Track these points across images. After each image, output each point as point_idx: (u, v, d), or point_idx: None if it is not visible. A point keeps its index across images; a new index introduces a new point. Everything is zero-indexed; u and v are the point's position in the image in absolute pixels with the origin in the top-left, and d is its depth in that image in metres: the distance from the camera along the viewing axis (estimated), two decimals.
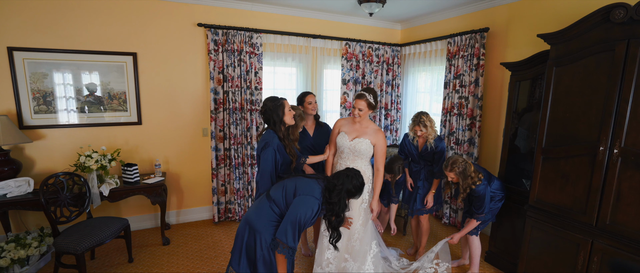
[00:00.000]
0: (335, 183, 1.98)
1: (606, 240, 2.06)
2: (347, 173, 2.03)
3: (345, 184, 1.98)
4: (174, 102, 3.58)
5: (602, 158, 2.06)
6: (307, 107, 2.85)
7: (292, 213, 1.84)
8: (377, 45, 4.44)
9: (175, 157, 3.68)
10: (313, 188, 1.94)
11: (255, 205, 2.04)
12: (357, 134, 2.48)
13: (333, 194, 1.95)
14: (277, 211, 1.95)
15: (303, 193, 1.90)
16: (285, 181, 2.02)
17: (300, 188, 1.92)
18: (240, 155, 3.81)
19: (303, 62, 4.18)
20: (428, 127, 2.75)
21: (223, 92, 3.62)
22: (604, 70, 2.03)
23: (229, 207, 3.87)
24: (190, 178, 3.80)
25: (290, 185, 1.97)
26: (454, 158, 2.54)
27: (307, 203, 1.87)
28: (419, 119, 2.77)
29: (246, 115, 3.75)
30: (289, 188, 1.95)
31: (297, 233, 1.84)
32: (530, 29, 3.06)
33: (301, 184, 1.96)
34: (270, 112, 2.27)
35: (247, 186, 3.90)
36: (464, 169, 2.49)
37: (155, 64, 3.44)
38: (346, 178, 2.00)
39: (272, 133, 2.28)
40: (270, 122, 2.28)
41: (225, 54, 3.56)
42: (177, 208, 3.81)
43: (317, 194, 1.93)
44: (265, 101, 2.31)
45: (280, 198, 1.95)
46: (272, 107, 2.27)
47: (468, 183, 2.51)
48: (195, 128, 3.73)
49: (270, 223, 1.93)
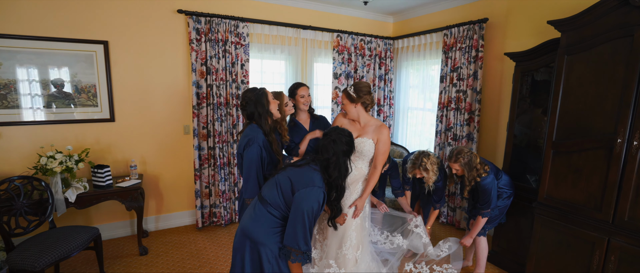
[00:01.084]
0: (329, 157, 1.73)
1: (624, 238, 1.95)
2: (331, 138, 1.77)
3: (338, 148, 1.74)
4: (152, 96, 3.25)
5: (619, 151, 1.94)
6: (299, 101, 2.61)
7: (297, 212, 1.59)
8: (370, 38, 4.25)
9: (153, 157, 3.35)
10: (311, 177, 1.66)
11: (249, 213, 1.75)
12: (359, 133, 2.25)
13: (332, 169, 1.71)
14: (277, 214, 1.69)
15: (302, 186, 1.63)
16: (276, 178, 1.73)
17: (297, 181, 1.65)
18: (226, 154, 3.52)
19: (292, 54, 3.93)
20: (429, 171, 2.48)
21: (206, 86, 3.33)
22: (622, 57, 1.90)
23: (213, 211, 3.58)
24: (170, 180, 3.48)
25: (284, 180, 1.69)
26: (459, 148, 2.39)
27: (311, 195, 1.60)
28: (420, 161, 2.50)
29: (232, 110, 3.47)
30: (284, 185, 1.67)
31: (308, 233, 1.59)
32: (531, 18, 2.94)
33: (296, 176, 1.68)
34: (252, 104, 2.02)
35: (233, 188, 3.61)
36: (469, 160, 2.34)
37: (129, 54, 3.10)
38: (334, 144, 1.75)
39: (256, 127, 2.03)
40: (255, 115, 2.04)
41: (209, 44, 3.27)
42: (156, 213, 3.48)
43: (318, 182, 1.66)
44: (245, 94, 2.08)
45: (276, 198, 1.68)
46: (254, 97, 2.03)
47: (473, 176, 2.35)
48: (175, 125, 3.41)
49: (272, 231, 1.67)
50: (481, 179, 2.35)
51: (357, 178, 2.26)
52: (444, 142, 3.68)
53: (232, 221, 3.70)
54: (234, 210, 3.67)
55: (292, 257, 1.60)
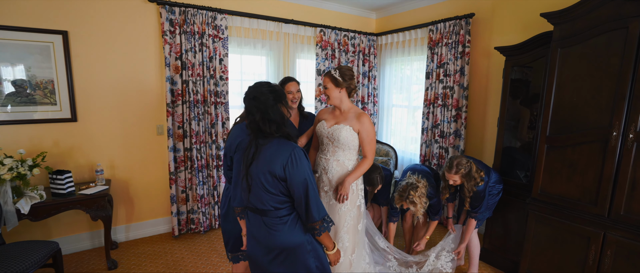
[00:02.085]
0: (254, 117, 1.44)
1: (621, 231, 1.93)
2: (249, 97, 1.47)
3: (264, 101, 1.44)
4: (120, 93, 2.95)
5: (614, 145, 1.92)
6: (287, 97, 2.44)
7: (299, 190, 1.40)
8: (353, 34, 4.14)
9: (122, 160, 3.04)
10: (273, 149, 1.41)
11: (257, 230, 1.51)
12: (336, 121, 2.10)
13: (265, 126, 1.44)
14: (285, 212, 1.47)
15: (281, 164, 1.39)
16: (256, 182, 1.45)
17: (274, 165, 1.39)
18: (204, 155, 3.27)
19: (274, 49, 3.74)
20: (417, 204, 2.35)
21: (182, 82, 3.06)
22: (616, 50, 1.88)
23: (191, 217, 3.31)
24: (143, 185, 3.18)
25: (264, 178, 1.42)
26: (458, 159, 2.28)
27: (295, 164, 1.39)
28: (407, 194, 2.35)
29: (210, 108, 3.22)
30: (263, 179, 1.42)
31: (318, 198, 1.47)
32: (517, 13, 2.94)
33: (264, 164, 1.41)
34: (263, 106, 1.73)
35: (212, 192, 3.37)
36: (469, 170, 2.25)
37: (93, 46, 2.78)
38: (256, 101, 1.45)
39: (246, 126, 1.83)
40: None
41: (184, 37, 3.01)
42: (126, 222, 3.16)
43: (283, 147, 1.41)
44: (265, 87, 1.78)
45: (268, 197, 1.44)
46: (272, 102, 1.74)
47: (472, 185, 2.28)
48: (148, 125, 3.12)
49: (291, 226, 1.47)
50: (477, 187, 2.28)
51: (340, 173, 2.09)
52: (431, 139, 3.63)
53: (211, 227, 3.45)
54: (214, 216, 3.42)
55: (316, 231, 1.47)
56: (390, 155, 3.60)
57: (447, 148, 3.46)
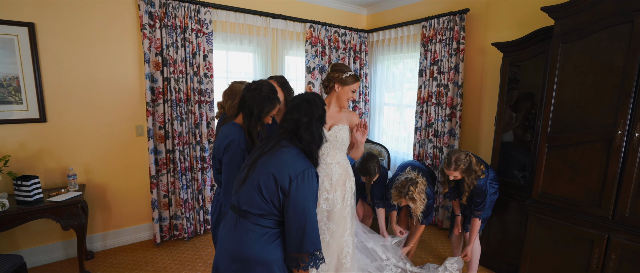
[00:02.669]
0: (299, 117, 1.34)
1: (626, 234, 1.86)
2: (304, 98, 1.39)
3: (313, 110, 1.36)
4: (95, 91, 2.73)
5: (619, 144, 1.84)
6: None
7: (297, 211, 1.23)
8: (344, 30, 4.00)
9: (98, 163, 2.82)
10: (293, 160, 1.28)
11: (230, 233, 1.35)
12: (334, 121, 1.98)
13: (303, 130, 1.33)
14: (270, 223, 1.30)
15: (288, 177, 1.24)
16: (251, 179, 1.31)
17: (282, 174, 1.25)
18: (188, 157, 3.08)
19: (261, 46, 3.57)
20: (417, 201, 2.24)
21: (163, 79, 2.86)
22: (621, 45, 1.80)
23: (174, 223, 3.12)
24: (121, 190, 2.96)
25: (264, 179, 1.27)
26: (456, 154, 2.17)
27: (306, 183, 1.25)
28: (406, 190, 2.25)
29: (194, 108, 3.03)
30: (267, 185, 1.26)
31: (317, 228, 1.28)
32: (513, 9, 2.86)
33: (277, 168, 1.26)
34: (255, 99, 1.57)
35: (197, 196, 3.18)
36: (469, 164, 2.15)
37: (64, 39, 2.56)
38: (309, 104, 1.36)
39: (240, 127, 1.65)
40: (245, 108, 1.62)
41: (165, 31, 2.81)
42: (103, 230, 2.94)
43: (302, 162, 1.28)
44: (262, 83, 1.62)
45: (262, 204, 1.28)
46: (264, 97, 1.58)
47: (472, 179, 2.18)
48: (126, 125, 2.91)
49: (269, 240, 1.29)
50: (477, 181, 2.18)
51: (342, 177, 1.97)
52: (425, 139, 3.53)
53: (196, 233, 3.26)
54: (199, 221, 3.23)
55: (301, 265, 1.26)
56: (383, 156, 3.49)
57: (442, 147, 3.37)
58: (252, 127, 1.64)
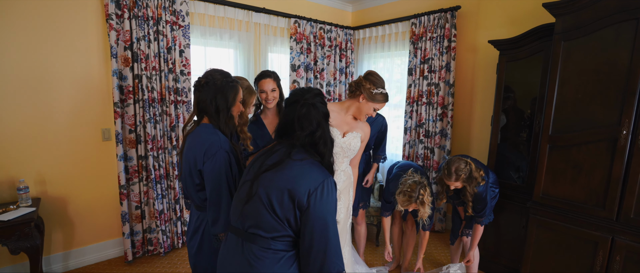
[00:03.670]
0: (314, 129, 1.16)
1: (631, 236, 1.82)
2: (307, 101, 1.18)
3: (320, 113, 1.19)
4: (51, 91, 2.37)
5: (624, 144, 1.80)
6: (260, 96, 2.08)
7: (318, 230, 1.05)
8: (330, 27, 3.83)
9: (57, 173, 2.46)
10: (310, 172, 1.10)
11: (228, 259, 1.15)
12: (349, 128, 1.83)
13: (321, 146, 1.17)
14: (282, 246, 1.09)
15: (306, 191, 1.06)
16: (259, 194, 1.09)
17: (298, 188, 1.06)
18: (163, 164, 2.78)
19: (243, 41, 3.32)
20: (426, 205, 2.07)
21: (133, 77, 2.55)
22: (625, 42, 1.77)
23: (148, 237, 2.80)
24: (85, 203, 2.61)
25: (275, 193, 1.07)
26: (456, 163, 2.05)
27: (328, 198, 1.07)
28: (417, 194, 2.04)
29: (169, 108, 2.74)
30: (278, 200, 1.06)
31: (339, 244, 1.10)
32: (504, 8, 2.82)
33: (291, 182, 1.07)
34: (212, 91, 1.40)
35: (173, 206, 2.88)
36: (469, 173, 2.04)
37: (11, 30, 2.19)
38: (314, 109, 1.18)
39: (212, 128, 1.42)
40: (209, 108, 1.42)
41: (135, 23, 2.50)
42: (64, 249, 2.58)
43: (320, 173, 1.11)
44: (211, 73, 1.44)
45: (273, 224, 1.07)
46: (220, 83, 1.41)
47: (473, 188, 2.07)
48: (90, 129, 2.56)
49: (286, 265, 1.09)
50: (478, 188, 2.08)
51: (346, 185, 1.81)
52: (415, 139, 3.44)
53: (174, 247, 2.96)
54: (176, 234, 2.93)
55: None
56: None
57: (433, 148, 3.29)
58: (224, 126, 1.44)
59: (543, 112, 2.12)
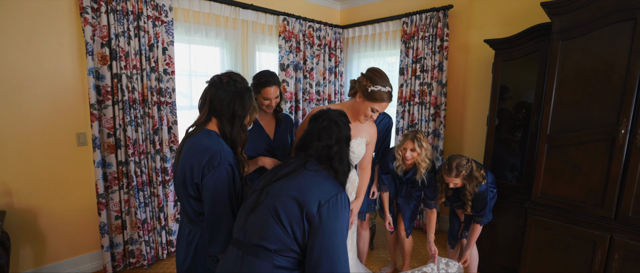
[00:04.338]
0: (331, 144, 1.12)
1: (629, 234, 1.84)
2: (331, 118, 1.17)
3: (342, 133, 1.17)
4: (17, 92, 2.14)
5: (622, 143, 1.82)
6: (262, 103, 1.94)
7: (328, 246, 0.96)
8: (319, 25, 3.74)
9: (25, 183, 2.23)
10: (322, 183, 1.03)
11: None
12: (353, 134, 1.73)
13: (336, 162, 1.12)
14: (287, 263, 0.99)
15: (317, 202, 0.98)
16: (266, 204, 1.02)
17: (308, 199, 0.98)
18: (146, 170, 2.59)
19: (230, 39, 3.16)
20: (424, 149, 2.07)
21: (111, 76, 2.35)
22: (623, 42, 1.78)
23: (130, 249, 2.60)
24: (59, 214, 2.39)
25: (285, 203, 0.99)
26: (457, 159, 2.01)
27: (339, 213, 0.99)
28: (414, 134, 2.08)
29: (152, 110, 2.55)
30: (288, 212, 0.98)
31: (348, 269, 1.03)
32: (497, 8, 2.82)
33: (302, 193, 0.99)
34: (232, 95, 1.26)
35: (157, 214, 2.69)
36: (470, 171, 2.00)
37: None
38: (337, 126, 1.16)
39: (217, 136, 1.28)
40: (224, 110, 1.28)
41: (113, 17, 2.30)
42: (35, 265, 2.34)
43: (331, 184, 1.04)
44: (233, 74, 1.31)
45: (282, 237, 0.97)
46: (242, 89, 1.29)
47: (473, 187, 2.04)
48: (63, 133, 2.34)
49: None
50: (478, 187, 2.05)
51: (350, 191, 1.73)
52: None
53: (158, 258, 2.77)
54: (160, 244, 2.74)
55: None
56: None
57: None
58: (237, 135, 1.30)
59: (541, 112, 2.11)
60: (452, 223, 2.45)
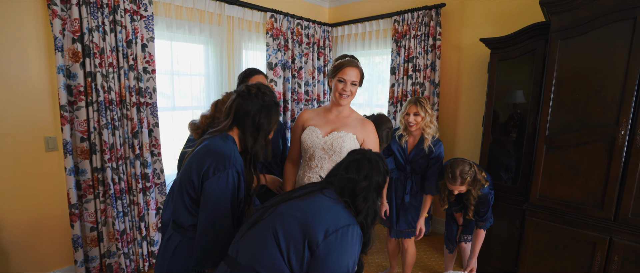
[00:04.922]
0: (358, 179, 1.03)
1: (629, 236, 1.83)
2: (366, 156, 1.09)
3: (375, 175, 1.07)
4: None
5: (621, 144, 1.80)
6: None
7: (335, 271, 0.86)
8: (307, 23, 3.61)
9: None
10: (334, 210, 0.94)
11: None
12: (334, 127, 1.65)
13: (361, 200, 1.02)
14: None
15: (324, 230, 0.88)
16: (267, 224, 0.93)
17: (314, 223, 0.88)
18: (124, 176, 2.39)
19: (215, 36, 2.99)
20: (428, 114, 2.04)
21: (85, 75, 2.15)
22: (623, 41, 1.76)
23: (107, 263, 2.40)
24: (25, 228, 2.16)
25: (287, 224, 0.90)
26: (460, 166, 1.93)
27: (348, 240, 0.89)
28: (417, 98, 2.07)
29: (130, 112, 2.36)
30: (288, 234, 0.88)
31: None
32: (489, 7, 2.79)
33: (300, 210, 0.92)
34: (259, 107, 1.20)
35: (137, 224, 2.50)
36: (474, 176, 1.94)
37: None
38: (370, 164, 1.07)
39: (233, 143, 1.19)
40: (248, 121, 1.20)
41: (86, 10, 2.09)
42: None
43: (345, 214, 0.95)
44: (263, 86, 1.26)
45: (272, 253, 0.87)
46: (269, 103, 1.23)
47: (477, 191, 1.98)
48: (29, 137, 2.12)
49: None
50: (481, 190, 1.99)
51: None
52: None
53: (139, 271, 2.57)
54: (141, 256, 2.55)
55: None
56: None
57: None
58: (260, 149, 1.22)
59: (539, 112, 2.08)
60: (450, 226, 2.39)
